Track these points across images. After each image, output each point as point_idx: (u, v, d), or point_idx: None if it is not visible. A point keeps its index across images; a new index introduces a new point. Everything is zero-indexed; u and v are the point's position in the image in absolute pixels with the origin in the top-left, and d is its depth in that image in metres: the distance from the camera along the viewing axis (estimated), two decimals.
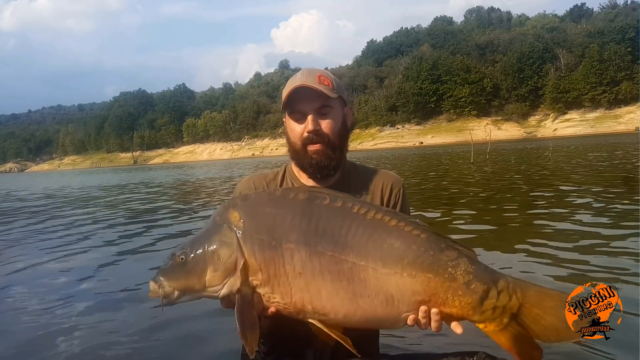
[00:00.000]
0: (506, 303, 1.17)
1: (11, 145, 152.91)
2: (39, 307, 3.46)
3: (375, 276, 1.19)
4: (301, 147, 1.47)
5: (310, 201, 1.27)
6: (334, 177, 1.56)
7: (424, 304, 1.19)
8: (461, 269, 1.18)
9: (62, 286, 4.07)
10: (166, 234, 6.37)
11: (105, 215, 9.34)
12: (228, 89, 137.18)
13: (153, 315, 3.01)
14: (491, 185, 10.34)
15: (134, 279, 3.98)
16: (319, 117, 1.45)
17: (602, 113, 67.65)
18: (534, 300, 1.18)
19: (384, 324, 1.26)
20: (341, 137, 1.51)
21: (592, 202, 6.77)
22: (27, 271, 4.69)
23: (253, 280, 1.24)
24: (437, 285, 1.18)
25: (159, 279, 1.26)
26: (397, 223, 1.23)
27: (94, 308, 3.41)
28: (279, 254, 1.22)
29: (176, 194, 14.22)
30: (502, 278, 1.20)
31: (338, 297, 1.20)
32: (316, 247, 1.21)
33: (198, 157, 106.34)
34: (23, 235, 7.05)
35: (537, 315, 1.17)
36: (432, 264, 1.19)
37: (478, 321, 1.20)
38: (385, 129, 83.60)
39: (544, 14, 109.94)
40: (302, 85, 1.40)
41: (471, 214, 6.54)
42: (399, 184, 1.64)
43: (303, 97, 1.43)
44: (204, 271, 1.24)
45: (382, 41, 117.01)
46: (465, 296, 1.18)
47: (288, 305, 1.23)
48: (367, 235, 1.22)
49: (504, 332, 1.19)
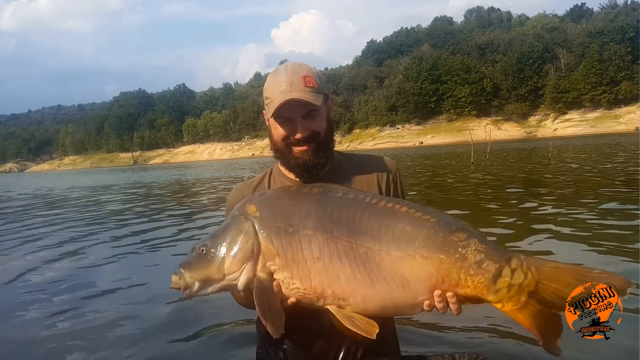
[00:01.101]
0: (522, 281, 1.18)
1: (11, 145, 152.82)
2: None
3: (389, 259, 1.23)
4: (285, 147, 1.47)
5: (324, 193, 1.33)
6: (322, 171, 1.53)
7: (438, 286, 1.21)
8: (472, 249, 1.20)
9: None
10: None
11: (71, 217, 9.34)
12: (228, 89, 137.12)
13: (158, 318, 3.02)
14: (491, 186, 10.33)
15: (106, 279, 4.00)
16: (306, 121, 1.44)
17: (602, 113, 67.60)
18: (551, 276, 1.18)
19: (402, 308, 1.27)
20: (328, 134, 1.50)
21: (592, 202, 6.77)
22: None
23: (271, 266, 1.27)
24: (449, 265, 1.20)
25: (180, 271, 1.29)
26: (408, 210, 1.28)
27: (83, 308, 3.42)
28: (297, 239, 1.26)
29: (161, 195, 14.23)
30: (514, 256, 1.20)
31: (356, 281, 1.23)
32: (332, 233, 1.25)
33: (198, 157, 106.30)
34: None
35: (557, 289, 1.17)
36: (443, 245, 1.21)
37: (494, 301, 1.20)
38: (385, 129, 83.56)
39: (544, 14, 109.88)
40: (292, 99, 1.38)
41: (471, 214, 6.54)
42: (392, 169, 1.63)
43: (290, 105, 1.40)
44: (223, 259, 1.28)
45: (382, 41, 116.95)
46: (478, 275, 1.19)
47: (308, 290, 1.25)
48: (379, 222, 1.26)
49: (522, 310, 1.20)
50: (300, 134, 1.43)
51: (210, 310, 3.04)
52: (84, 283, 4.17)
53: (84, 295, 3.77)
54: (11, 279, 4.38)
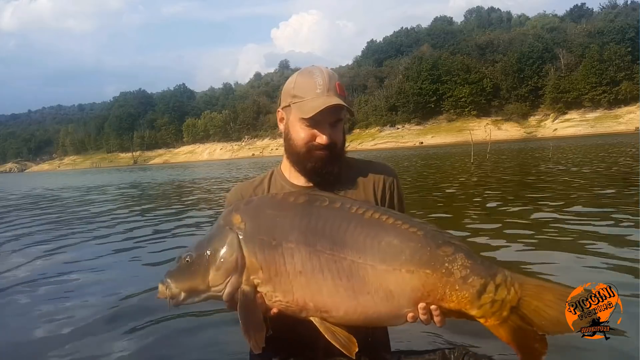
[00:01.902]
0: (505, 297, 1.18)
1: (11, 145, 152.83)
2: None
3: (375, 273, 1.22)
4: (306, 151, 1.45)
5: (310, 203, 1.31)
6: (332, 178, 1.55)
7: (423, 300, 1.21)
8: (458, 264, 1.20)
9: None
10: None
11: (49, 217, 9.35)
12: (228, 89, 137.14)
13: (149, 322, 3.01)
14: (491, 186, 10.33)
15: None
16: (332, 128, 1.45)
17: (602, 113, 67.62)
18: (533, 293, 1.19)
19: (385, 320, 1.28)
20: (343, 145, 1.51)
21: (592, 201, 6.77)
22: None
23: (254, 279, 1.28)
24: (434, 280, 1.20)
25: (166, 281, 1.31)
26: (395, 221, 1.26)
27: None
28: (280, 253, 1.25)
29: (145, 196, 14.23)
30: (499, 272, 1.21)
31: (338, 294, 1.23)
32: (315, 246, 1.24)
33: (198, 157, 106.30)
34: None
35: (537, 308, 1.18)
36: (430, 260, 1.21)
37: (477, 315, 1.21)
38: (385, 129, 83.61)
39: (544, 14, 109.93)
40: (337, 105, 1.39)
41: (471, 214, 6.54)
42: (391, 175, 1.61)
43: (327, 110, 1.39)
44: (207, 271, 1.29)
45: (382, 41, 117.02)
46: (463, 290, 1.19)
47: (290, 303, 1.26)
48: (365, 234, 1.24)
49: (503, 325, 1.20)
50: (327, 140, 1.42)
51: (203, 311, 2.99)
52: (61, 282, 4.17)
53: (58, 295, 3.75)
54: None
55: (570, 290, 1.19)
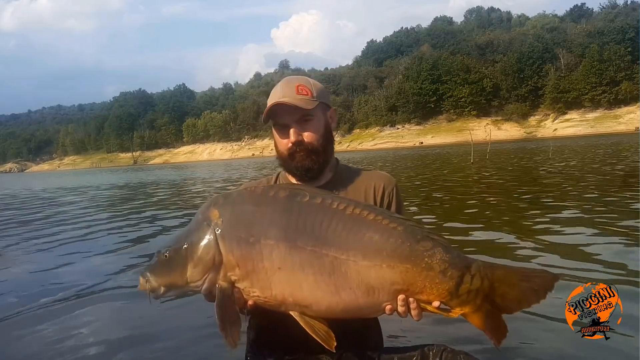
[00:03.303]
0: (479, 285, 1.24)
1: (11, 145, 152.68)
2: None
3: (356, 269, 1.23)
4: (287, 156, 1.52)
5: (290, 198, 1.31)
6: (324, 177, 1.58)
7: (402, 293, 1.24)
8: (437, 258, 1.23)
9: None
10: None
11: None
12: (228, 89, 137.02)
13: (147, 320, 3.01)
14: (491, 186, 10.34)
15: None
16: (301, 127, 1.49)
17: (602, 113, 67.58)
18: (502, 279, 1.25)
19: (364, 313, 1.31)
20: (325, 141, 1.53)
21: (592, 201, 6.77)
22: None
23: (231, 276, 1.28)
24: (414, 275, 1.23)
25: (146, 275, 1.33)
26: (375, 217, 1.28)
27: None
28: (257, 249, 1.25)
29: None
30: (473, 263, 1.26)
31: (320, 290, 1.24)
32: (296, 242, 1.24)
33: (198, 157, 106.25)
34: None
35: (504, 291, 1.24)
36: (410, 255, 1.24)
37: (454, 306, 1.25)
38: (385, 129, 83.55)
39: (544, 14, 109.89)
40: (278, 103, 1.45)
41: (471, 214, 6.54)
42: (391, 184, 1.63)
43: (283, 111, 1.46)
44: (185, 268, 1.30)
45: (382, 41, 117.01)
46: (442, 283, 1.23)
47: (268, 298, 1.27)
48: (347, 230, 1.26)
49: (477, 313, 1.26)
50: (293, 137, 1.48)
51: (195, 311, 2.98)
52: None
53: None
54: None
55: (527, 271, 1.28)
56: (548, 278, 1.24)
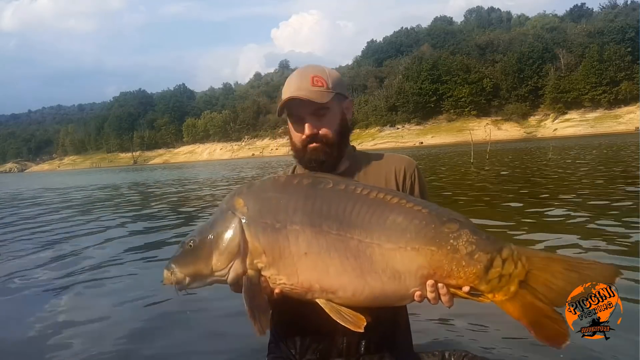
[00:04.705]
0: (512, 271, 1.18)
1: (11, 145, 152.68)
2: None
3: (381, 252, 1.22)
4: (301, 147, 1.50)
5: (313, 185, 1.30)
6: (342, 166, 1.56)
7: (430, 278, 1.21)
8: (463, 240, 1.20)
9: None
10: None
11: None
12: (228, 89, 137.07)
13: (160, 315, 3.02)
14: (491, 186, 10.33)
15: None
16: (316, 119, 1.47)
17: (602, 113, 67.56)
18: (541, 266, 1.18)
19: (392, 300, 1.27)
20: (340, 133, 1.52)
21: (592, 201, 6.77)
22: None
23: (258, 263, 1.28)
24: (440, 257, 1.20)
25: (171, 267, 1.33)
26: (399, 200, 1.26)
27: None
28: (284, 235, 1.25)
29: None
30: (506, 246, 1.21)
31: (346, 274, 1.23)
32: (321, 227, 1.24)
33: (198, 157, 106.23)
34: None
35: (547, 280, 1.17)
36: (435, 236, 1.21)
37: (485, 291, 1.20)
38: (385, 129, 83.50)
39: (544, 14, 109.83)
40: (293, 97, 1.42)
41: (471, 214, 6.53)
42: (412, 165, 1.61)
43: (298, 103, 1.44)
44: (210, 256, 1.30)
45: (382, 41, 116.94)
46: (470, 266, 1.19)
47: (295, 285, 1.26)
48: (370, 213, 1.24)
49: (512, 301, 1.19)
50: (308, 131, 1.46)
51: (220, 302, 3.06)
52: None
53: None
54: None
55: (577, 261, 1.18)
56: (602, 270, 1.15)
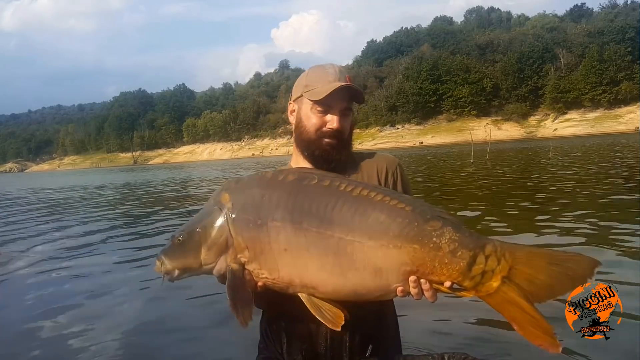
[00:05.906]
0: (495, 267, 1.18)
1: (11, 145, 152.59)
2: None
3: (362, 249, 1.23)
4: (315, 138, 1.51)
5: (298, 181, 1.32)
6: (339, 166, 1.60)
7: (412, 274, 1.22)
8: (446, 238, 1.20)
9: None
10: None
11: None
12: (228, 89, 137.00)
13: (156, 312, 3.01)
14: (491, 186, 10.33)
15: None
16: (343, 117, 1.51)
17: (602, 113, 67.56)
18: (524, 261, 1.18)
19: (375, 295, 1.28)
20: (350, 135, 1.56)
21: (592, 201, 6.77)
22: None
23: (241, 258, 1.32)
24: (423, 255, 1.20)
25: (161, 258, 1.38)
26: (383, 198, 1.27)
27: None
28: (265, 231, 1.28)
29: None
30: (489, 243, 1.21)
31: (325, 271, 1.25)
32: (301, 224, 1.26)
33: (198, 157, 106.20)
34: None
35: (530, 275, 1.17)
36: (417, 235, 1.21)
37: (469, 287, 1.21)
38: (385, 129, 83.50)
39: (544, 14, 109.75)
40: (346, 85, 1.46)
41: (471, 214, 6.53)
42: (393, 164, 1.65)
43: (339, 94, 1.47)
44: (199, 251, 1.35)
45: (382, 41, 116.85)
46: (452, 264, 1.19)
47: (276, 280, 1.30)
48: (352, 211, 1.25)
49: (494, 296, 1.19)
50: (337, 125, 1.49)
51: (215, 302, 3.06)
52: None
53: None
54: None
55: (558, 253, 1.18)
56: (584, 262, 1.15)
